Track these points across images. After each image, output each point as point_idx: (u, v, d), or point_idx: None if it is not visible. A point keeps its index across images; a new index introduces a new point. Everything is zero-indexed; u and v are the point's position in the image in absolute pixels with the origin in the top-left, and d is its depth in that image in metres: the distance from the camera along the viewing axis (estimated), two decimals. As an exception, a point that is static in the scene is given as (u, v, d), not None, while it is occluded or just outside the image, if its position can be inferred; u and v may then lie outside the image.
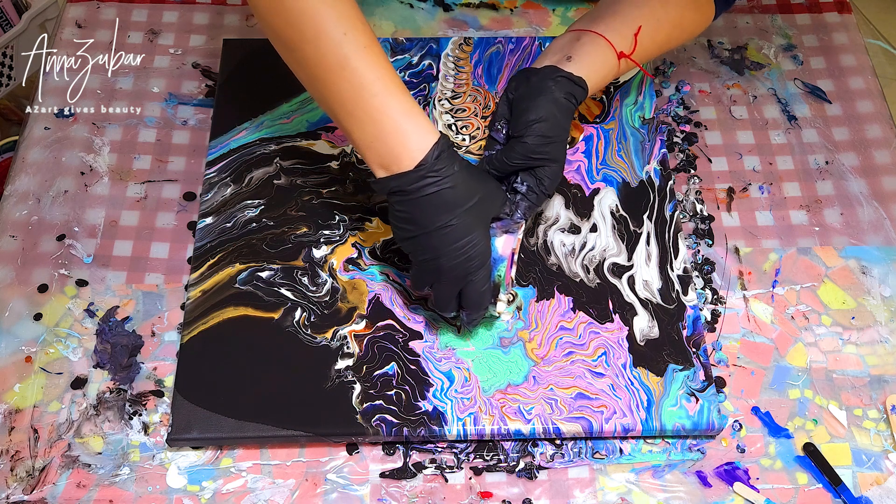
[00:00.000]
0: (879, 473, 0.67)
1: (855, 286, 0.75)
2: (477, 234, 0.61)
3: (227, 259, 0.72)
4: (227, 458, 0.66)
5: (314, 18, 0.58)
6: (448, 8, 0.92)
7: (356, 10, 0.59)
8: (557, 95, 0.65)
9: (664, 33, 0.71)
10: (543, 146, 0.64)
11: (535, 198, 0.66)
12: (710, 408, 0.67)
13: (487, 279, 0.63)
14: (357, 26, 0.59)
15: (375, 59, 0.59)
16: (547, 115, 0.64)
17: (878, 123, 0.84)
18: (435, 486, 0.65)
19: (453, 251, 0.60)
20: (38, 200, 0.78)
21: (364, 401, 0.66)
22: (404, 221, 0.61)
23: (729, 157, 0.82)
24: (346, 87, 0.59)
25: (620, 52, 0.68)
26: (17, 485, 0.64)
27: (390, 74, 0.59)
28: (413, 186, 0.59)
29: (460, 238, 0.60)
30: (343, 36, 0.58)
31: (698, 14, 0.73)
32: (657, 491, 0.65)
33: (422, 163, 0.59)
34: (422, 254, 0.62)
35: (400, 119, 0.59)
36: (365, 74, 0.58)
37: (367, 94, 0.58)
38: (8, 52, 1.26)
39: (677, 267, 0.73)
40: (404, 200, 0.60)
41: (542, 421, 0.66)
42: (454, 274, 0.61)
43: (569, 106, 0.66)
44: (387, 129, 0.59)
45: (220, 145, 0.79)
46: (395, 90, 0.59)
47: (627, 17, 0.69)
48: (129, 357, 0.70)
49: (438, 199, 0.59)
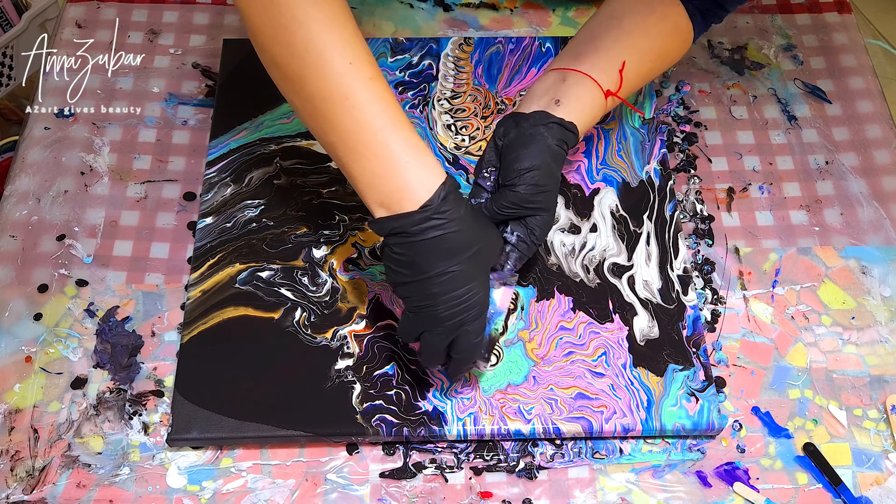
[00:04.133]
0: (879, 473, 0.67)
1: (855, 286, 0.75)
2: (477, 282, 0.57)
3: (227, 259, 0.72)
4: (227, 458, 0.66)
5: (318, 47, 0.55)
6: (448, 8, 0.92)
7: (361, 40, 0.56)
8: (550, 143, 0.62)
9: (647, 65, 0.69)
10: (536, 195, 0.61)
11: (525, 248, 0.62)
12: (710, 408, 0.67)
13: (482, 330, 0.59)
14: (362, 57, 0.56)
15: (381, 92, 0.56)
16: (540, 163, 0.61)
17: (878, 123, 0.84)
18: (435, 486, 0.65)
19: (452, 299, 0.57)
20: (38, 200, 0.78)
21: (364, 401, 0.66)
22: (402, 265, 0.57)
23: (729, 157, 0.82)
24: (349, 121, 0.55)
25: (608, 91, 0.66)
26: (17, 485, 0.64)
27: (395, 109, 0.56)
28: (416, 228, 0.55)
29: (461, 286, 0.56)
30: (348, 66, 0.55)
31: (679, 40, 0.71)
32: (657, 491, 0.65)
33: (427, 204, 0.55)
34: (417, 300, 0.58)
35: (404, 156, 0.55)
36: (369, 108, 0.55)
37: (371, 129, 0.55)
38: (8, 52, 1.26)
39: (677, 267, 0.73)
40: (404, 243, 0.56)
41: (542, 421, 0.66)
42: (450, 323, 0.57)
43: (561, 153, 0.63)
44: (390, 167, 0.55)
45: (220, 145, 0.79)
46: (401, 125, 0.56)
47: (611, 53, 0.67)
48: (129, 357, 0.70)
49: (442, 243, 0.56)
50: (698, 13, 0.71)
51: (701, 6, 0.71)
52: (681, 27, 0.71)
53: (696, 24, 0.71)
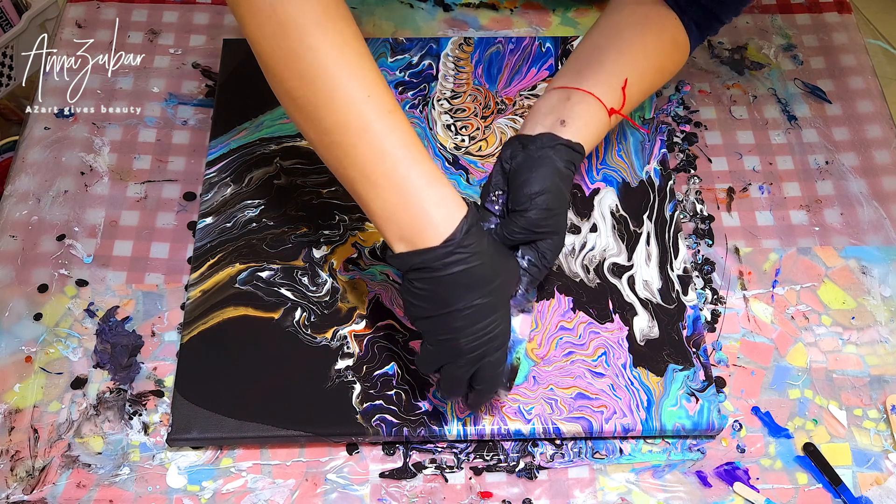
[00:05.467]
0: (879, 473, 0.67)
1: (855, 286, 0.75)
2: (500, 313, 0.56)
3: (227, 259, 0.72)
4: (227, 458, 0.66)
5: (334, 77, 0.53)
6: (448, 8, 0.92)
7: (376, 69, 0.55)
8: (559, 165, 0.62)
9: (648, 80, 0.69)
10: (547, 219, 0.61)
11: (536, 272, 0.62)
12: (710, 408, 0.67)
13: (504, 360, 0.59)
14: (381, 87, 0.54)
15: (400, 123, 0.54)
16: (550, 186, 0.61)
17: (878, 123, 0.84)
18: (435, 486, 0.65)
19: (475, 332, 0.55)
20: (38, 200, 0.78)
21: (364, 401, 0.66)
22: (424, 300, 0.55)
23: (729, 157, 0.82)
24: (367, 153, 0.54)
25: (611, 109, 0.66)
26: (17, 485, 0.64)
27: (415, 141, 0.55)
28: (439, 263, 0.54)
29: (484, 318, 0.55)
30: (366, 98, 0.53)
31: (677, 54, 0.71)
32: (657, 491, 0.65)
33: (450, 238, 0.53)
34: (440, 334, 0.56)
35: (425, 189, 0.54)
36: (389, 139, 0.54)
37: (391, 161, 0.54)
38: (8, 52, 1.26)
39: (677, 267, 0.73)
40: (427, 278, 0.54)
41: (542, 421, 0.66)
42: (472, 355, 0.56)
43: (569, 174, 0.63)
44: (411, 199, 0.54)
45: (220, 145, 0.79)
46: (421, 158, 0.55)
47: (613, 69, 0.67)
48: (129, 357, 0.70)
49: (466, 277, 0.54)
50: (694, 25, 0.70)
51: (697, 19, 0.70)
52: (678, 40, 0.70)
53: (692, 37, 0.71)
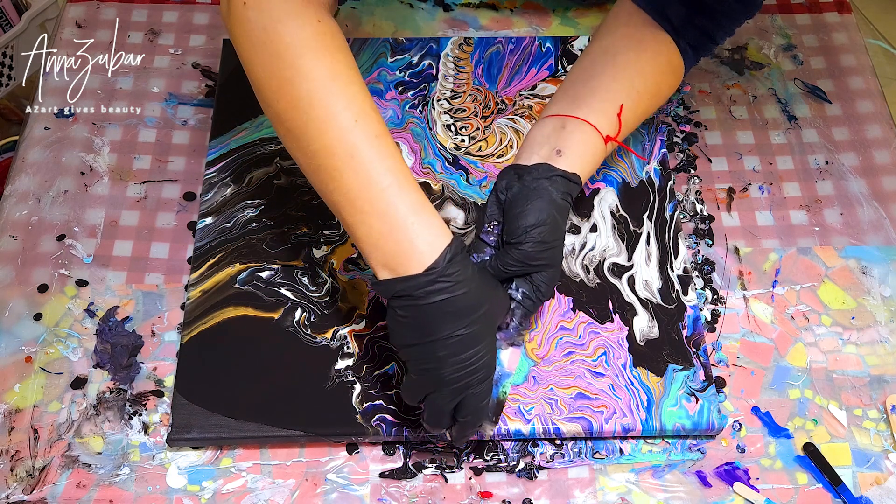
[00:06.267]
0: (879, 473, 0.67)
1: (855, 286, 0.75)
2: (485, 344, 0.56)
3: (227, 259, 0.72)
4: (227, 458, 0.66)
5: (322, 102, 0.54)
6: (448, 8, 0.92)
7: (367, 96, 0.56)
8: (555, 196, 0.61)
9: (644, 105, 0.68)
10: (542, 252, 0.60)
11: (531, 305, 0.61)
12: (710, 408, 0.67)
13: (489, 392, 0.58)
14: (368, 114, 0.55)
15: (387, 149, 0.55)
16: (545, 218, 0.60)
17: (878, 123, 0.84)
18: (435, 486, 0.65)
19: (459, 362, 0.55)
20: (38, 200, 0.78)
21: (364, 401, 0.66)
22: (407, 328, 0.55)
23: (729, 157, 0.82)
24: (353, 179, 0.54)
25: (607, 137, 0.64)
26: (17, 485, 0.64)
27: (402, 168, 0.55)
28: (421, 292, 0.53)
29: (468, 349, 0.55)
30: (354, 123, 0.54)
31: (672, 77, 0.70)
32: (657, 491, 0.65)
33: (432, 266, 0.53)
34: (423, 363, 0.56)
35: (410, 216, 0.54)
36: (375, 166, 0.54)
37: (377, 188, 0.54)
38: (8, 52, 1.26)
39: (677, 267, 0.73)
40: (409, 306, 0.54)
41: (542, 421, 0.66)
42: (456, 386, 0.56)
43: (566, 206, 0.62)
44: (396, 226, 0.54)
45: (220, 145, 0.79)
46: (407, 185, 0.55)
47: (608, 96, 0.65)
48: (129, 357, 0.70)
49: (449, 306, 0.54)
50: (690, 48, 0.69)
51: (692, 41, 0.68)
52: (673, 63, 0.69)
53: (686, 59, 0.69)
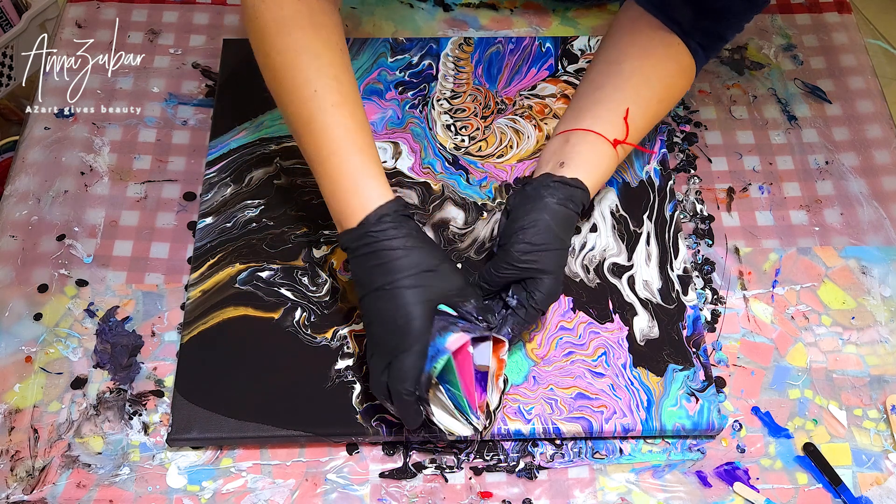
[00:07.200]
0: (879, 473, 0.67)
1: (855, 286, 0.75)
2: (415, 309, 0.57)
3: (227, 259, 0.72)
4: (227, 458, 0.66)
5: (289, 74, 0.61)
6: (448, 8, 0.92)
7: (334, 67, 0.61)
8: (549, 202, 0.63)
9: (653, 109, 0.69)
10: (527, 254, 0.61)
11: (524, 313, 0.62)
12: (710, 408, 0.67)
13: (416, 362, 0.57)
14: (329, 85, 0.61)
15: (339, 118, 0.60)
16: (535, 221, 0.62)
17: (878, 123, 0.84)
18: (435, 486, 0.65)
19: (385, 319, 0.58)
20: (38, 200, 0.78)
21: (364, 401, 0.66)
22: (355, 282, 0.61)
23: (729, 157, 0.82)
24: (311, 144, 0.61)
25: (615, 140, 0.66)
26: (17, 485, 0.64)
27: (351, 135, 0.60)
28: (354, 244, 0.59)
29: (393, 307, 0.57)
30: (313, 94, 0.60)
31: (682, 79, 0.70)
32: (657, 491, 0.65)
33: (363, 222, 0.59)
34: (365, 317, 0.60)
35: (354, 178, 0.60)
36: (326, 133, 0.60)
37: (325, 152, 0.61)
38: (8, 52, 1.26)
39: (677, 267, 0.73)
40: (351, 259, 0.60)
41: (542, 421, 0.66)
42: (384, 346, 0.58)
43: (565, 212, 0.63)
44: (340, 188, 0.60)
45: (220, 145, 0.79)
46: (353, 150, 0.60)
47: (613, 103, 0.67)
48: (129, 357, 0.70)
49: (374, 259, 0.58)
50: (700, 48, 0.70)
51: (701, 41, 0.69)
52: (683, 64, 0.70)
53: (697, 60, 0.70)
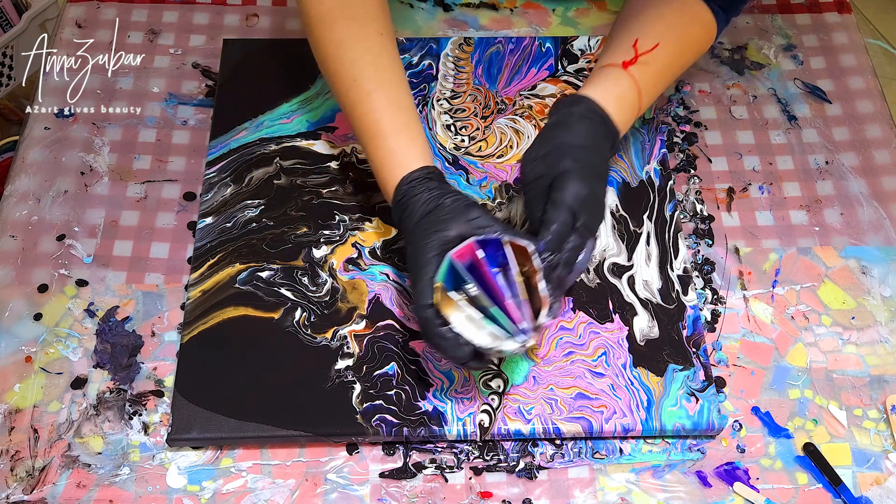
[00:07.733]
0: (879, 473, 0.67)
1: (855, 286, 0.75)
2: (428, 243, 0.61)
3: (227, 259, 0.72)
4: (227, 458, 0.66)
5: (332, 65, 0.68)
6: (448, 8, 0.92)
7: (375, 51, 0.67)
8: (555, 119, 0.66)
9: (671, 47, 0.69)
10: (532, 152, 0.64)
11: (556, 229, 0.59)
12: (710, 408, 0.67)
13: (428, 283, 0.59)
14: (366, 72, 0.67)
15: (377, 104, 0.66)
16: (540, 134, 0.65)
17: (878, 123, 0.84)
18: (435, 486, 0.65)
19: (409, 261, 0.63)
20: (38, 200, 0.78)
21: (364, 401, 0.66)
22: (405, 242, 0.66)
23: (729, 157, 0.82)
24: (356, 128, 0.68)
25: (623, 62, 0.67)
26: (17, 485, 0.64)
27: (385, 118, 0.66)
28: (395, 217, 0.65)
29: (412, 250, 0.62)
30: (353, 83, 0.67)
31: (703, 31, 0.72)
32: (657, 491, 0.65)
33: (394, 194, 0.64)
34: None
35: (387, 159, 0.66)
36: (365, 118, 0.67)
37: (366, 137, 0.67)
38: (8, 52, 1.26)
39: (677, 267, 0.73)
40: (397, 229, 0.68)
41: (542, 421, 0.66)
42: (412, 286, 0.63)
43: (564, 119, 0.65)
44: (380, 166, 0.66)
45: (220, 145, 0.79)
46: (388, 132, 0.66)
47: (622, 37, 0.69)
48: (129, 357, 0.70)
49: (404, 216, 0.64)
50: (720, 9, 0.71)
51: (722, 2, 0.71)
52: (703, 17, 0.71)
53: (718, 19, 0.72)
